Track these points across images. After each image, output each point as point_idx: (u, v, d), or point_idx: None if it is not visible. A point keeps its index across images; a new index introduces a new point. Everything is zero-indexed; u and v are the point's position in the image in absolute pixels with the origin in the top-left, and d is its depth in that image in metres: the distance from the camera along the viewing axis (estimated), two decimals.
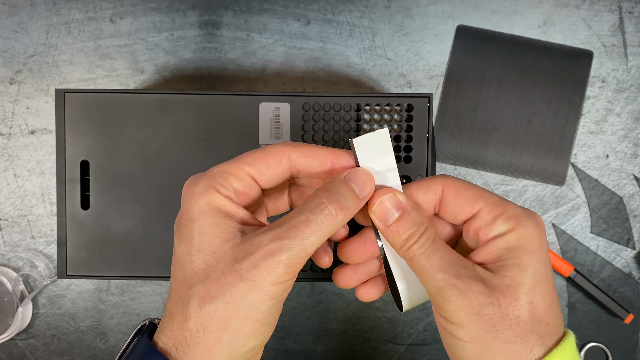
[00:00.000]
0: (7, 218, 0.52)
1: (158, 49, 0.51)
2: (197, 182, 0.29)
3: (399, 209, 0.29)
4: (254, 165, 0.29)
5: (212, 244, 0.27)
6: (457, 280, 0.27)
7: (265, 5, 0.51)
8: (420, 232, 0.29)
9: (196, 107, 0.41)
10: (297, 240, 0.26)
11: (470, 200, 0.30)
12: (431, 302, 0.29)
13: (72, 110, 0.41)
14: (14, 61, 0.51)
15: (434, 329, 0.52)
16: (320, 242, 0.27)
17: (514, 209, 0.29)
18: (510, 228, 0.28)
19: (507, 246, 0.28)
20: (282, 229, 0.27)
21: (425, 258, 0.28)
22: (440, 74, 0.51)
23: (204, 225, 0.27)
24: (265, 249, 0.26)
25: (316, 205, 0.27)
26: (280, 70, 0.51)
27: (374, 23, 0.51)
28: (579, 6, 0.51)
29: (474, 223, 0.30)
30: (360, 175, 0.29)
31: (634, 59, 0.51)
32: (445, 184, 0.30)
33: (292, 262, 0.26)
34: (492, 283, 0.27)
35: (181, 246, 0.28)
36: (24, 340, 0.52)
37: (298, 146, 0.30)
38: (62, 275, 0.42)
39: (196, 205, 0.28)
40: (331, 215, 0.27)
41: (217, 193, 0.28)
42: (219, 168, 0.29)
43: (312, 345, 0.52)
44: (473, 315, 0.27)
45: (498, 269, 0.28)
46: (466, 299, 0.27)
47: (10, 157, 0.51)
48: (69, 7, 0.51)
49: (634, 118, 0.51)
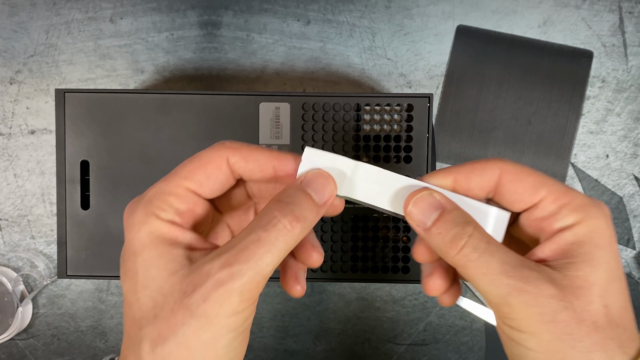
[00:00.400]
0: (7, 218, 0.52)
1: (158, 49, 0.51)
2: (134, 210, 0.26)
3: (437, 208, 0.26)
4: (192, 178, 0.26)
5: (158, 279, 0.24)
6: (525, 284, 0.24)
7: (265, 5, 0.51)
8: (468, 232, 0.25)
9: (196, 107, 0.41)
10: (250, 264, 0.23)
11: (532, 188, 0.26)
12: (493, 311, 0.26)
13: (72, 110, 0.41)
14: (14, 61, 0.51)
15: (434, 328, 0.52)
16: (278, 261, 0.24)
17: (581, 198, 0.26)
18: (579, 219, 0.25)
19: (576, 240, 0.25)
20: (232, 252, 0.24)
21: (483, 263, 0.24)
22: (440, 74, 0.51)
23: (147, 259, 0.25)
24: (214, 279, 0.23)
25: (268, 220, 0.25)
26: (280, 70, 0.51)
27: (374, 23, 0.51)
28: (579, 6, 0.51)
29: (534, 213, 0.26)
30: (317, 178, 0.26)
31: (634, 59, 0.51)
32: (503, 169, 0.27)
33: (247, 288, 0.24)
34: (562, 284, 0.24)
35: (126, 283, 0.26)
36: (24, 340, 0.52)
37: (237, 149, 0.27)
38: (62, 275, 0.42)
39: (137, 237, 0.25)
40: (286, 230, 0.24)
41: (158, 219, 0.25)
42: (155, 189, 0.26)
43: (312, 345, 0.52)
44: (547, 322, 0.23)
45: (565, 267, 0.25)
46: (538, 305, 0.23)
47: (10, 157, 0.51)
48: (69, 7, 0.51)
49: (634, 118, 0.51)
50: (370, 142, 0.42)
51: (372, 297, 0.52)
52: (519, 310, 0.24)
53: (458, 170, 0.27)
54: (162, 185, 0.26)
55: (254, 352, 0.52)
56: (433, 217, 0.26)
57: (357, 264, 0.42)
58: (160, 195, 0.26)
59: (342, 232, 0.42)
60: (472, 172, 0.27)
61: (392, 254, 0.42)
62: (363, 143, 0.42)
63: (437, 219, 0.26)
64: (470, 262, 0.25)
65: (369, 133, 0.42)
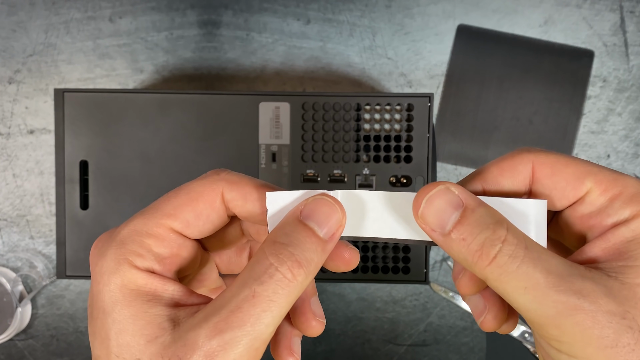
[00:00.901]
0: (6, 218, 0.51)
1: (157, 49, 0.51)
2: (103, 254, 0.21)
3: (457, 206, 0.21)
4: (178, 216, 0.22)
5: (134, 347, 0.20)
6: (579, 300, 0.19)
7: (265, 5, 0.51)
8: (500, 236, 0.20)
9: (196, 106, 0.41)
10: (245, 329, 0.19)
11: (575, 180, 0.22)
12: (533, 330, 0.21)
13: (71, 110, 0.41)
14: (12, 61, 0.51)
15: (434, 329, 0.52)
16: (279, 320, 0.20)
17: (634, 185, 0.21)
18: (636, 212, 0.21)
19: (635, 237, 0.20)
20: (222, 315, 0.19)
21: (523, 276, 0.19)
22: (441, 73, 0.51)
23: (119, 320, 0.20)
24: (202, 352, 0.19)
25: (263, 269, 0.20)
26: (280, 69, 0.51)
27: (375, 22, 0.51)
28: (580, 5, 0.51)
29: (579, 209, 0.22)
30: (319, 206, 0.21)
31: (635, 58, 0.51)
32: (535, 162, 0.22)
33: (245, 358, 0.19)
34: (621, 295, 0.19)
35: (96, 348, 0.21)
36: (22, 340, 0.52)
37: (235, 183, 0.22)
38: (61, 276, 0.41)
39: (106, 290, 0.21)
40: (286, 280, 0.20)
41: (132, 268, 0.21)
42: (130, 227, 0.21)
43: (312, 346, 0.52)
44: (608, 348, 0.19)
45: (623, 272, 0.20)
46: (598, 327, 0.19)
47: (9, 157, 0.51)
48: (68, 7, 0.51)
49: (635, 118, 0.51)
50: (371, 142, 0.41)
51: (373, 298, 0.51)
52: (572, 333, 0.19)
53: (484, 176, 0.23)
54: (139, 222, 0.22)
55: None
56: (454, 219, 0.21)
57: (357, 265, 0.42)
58: (136, 237, 0.21)
59: None
60: (501, 174, 0.23)
61: (392, 254, 0.42)
62: (363, 143, 0.41)
63: (459, 221, 0.20)
64: (507, 274, 0.20)
65: (369, 133, 0.41)
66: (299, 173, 0.42)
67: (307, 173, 0.42)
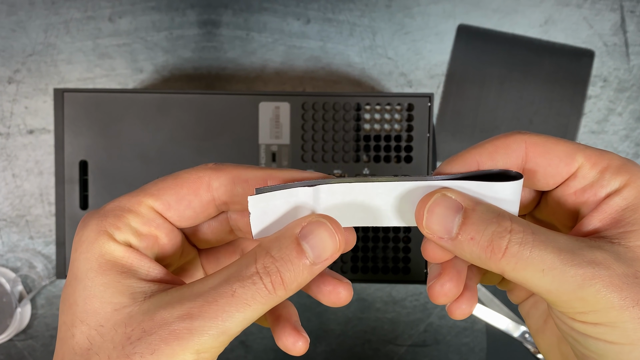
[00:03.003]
0: (5, 218, 0.51)
1: (157, 48, 0.51)
2: (86, 225, 0.22)
3: (457, 209, 0.21)
4: (160, 196, 0.22)
5: (100, 314, 0.20)
6: (594, 268, 0.20)
7: (265, 4, 0.51)
8: (506, 227, 0.21)
9: (195, 106, 0.41)
10: (216, 322, 0.20)
11: (566, 157, 0.23)
12: (552, 310, 0.22)
13: (70, 109, 0.41)
14: (12, 60, 0.51)
15: (434, 330, 0.52)
16: (249, 322, 0.20)
17: (619, 158, 0.22)
18: (625, 181, 0.22)
19: (628, 204, 0.22)
20: (197, 303, 0.20)
21: (538, 259, 0.20)
22: (441, 73, 0.51)
23: (89, 287, 0.21)
24: (169, 329, 0.19)
25: (248, 275, 0.20)
26: (280, 69, 0.51)
27: (375, 22, 0.51)
28: (581, 5, 0.51)
29: (573, 185, 0.23)
30: (318, 230, 0.21)
31: (635, 58, 0.51)
32: (527, 142, 0.23)
33: (207, 347, 0.20)
34: (628, 257, 0.20)
35: (63, 313, 0.21)
36: (22, 341, 0.52)
37: (222, 169, 0.23)
38: (61, 276, 0.41)
39: (82, 258, 0.21)
40: (266, 291, 0.20)
41: (111, 240, 0.21)
42: (114, 203, 0.22)
43: (312, 347, 0.52)
44: (630, 307, 0.20)
45: (624, 237, 0.21)
46: (617, 290, 0.20)
47: (8, 157, 0.51)
48: (68, 6, 0.51)
49: (636, 118, 0.51)
50: (371, 141, 0.41)
51: (373, 298, 0.51)
52: (595, 301, 0.20)
53: (479, 152, 0.23)
54: (123, 200, 0.22)
55: (253, 352, 0.52)
56: (457, 222, 0.21)
57: (357, 264, 0.42)
58: (117, 211, 0.22)
59: None
60: (496, 151, 0.23)
61: (392, 254, 0.42)
62: (363, 143, 0.41)
63: (463, 222, 0.21)
64: (522, 262, 0.20)
65: (369, 133, 0.41)
66: None
67: None
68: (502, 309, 0.50)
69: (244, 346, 0.51)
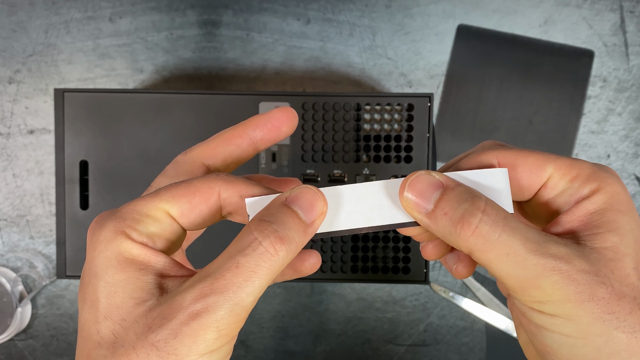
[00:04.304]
0: (5, 218, 0.51)
1: (157, 49, 0.51)
2: (102, 226, 0.23)
3: (437, 187, 0.23)
4: (176, 203, 0.23)
5: (122, 308, 0.21)
6: (556, 261, 0.21)
7: (265, 5, 0.51)
8: (479, 207, 0.22)
9: (195, 106, 0.41)
10: (228, 295, 0.20)
11: (536, 169, 0.24)
12: (514, 299, 0.23)
13: (71, 110, 0.41)
14: (12, 61, 0.51)
15: (434, 329, 0.52)
16: (260, 290, 0.21)
17: (589, 166, 0.23)
18: (595, 188, 0.23)
19: (597, 208, 0.22)
20: (207, 282, 0.21)
21: (504, 243, 0.21)
22: (441, 73, 0.51)
23: (111, 283, 0.22)
24: (187, 312, 0.20)
25: (248, 242, 0.21)
26: (280, 69, 0.51)
27: (375, 22, 0.51)
28: (580, 5, 0.51)
29: (544, 194, 0.24)
30: (304, 194, 0.23)
31: (635, 58, 0.51)
32: (499, 157, 0.24)
33: (225, 323, 0.21)
34: (592, 257, 0.21)
35: (85, 312, 0.22)
36: (22, 340, 0.52)
37: (232, 183, 0.24)
38: (61, 276, 0.41)
39: (102, 257, 0.22)
40: (268, 254, 0.21)
41: (128, 239, 0.22)
42: (131, 207, 0.23)
43: (312, 346, 0.52)
44: (585, 302, 0.20)
45: (590, 239, 0.22)
46: (573, 283, 0.21)
47: (9, 157, 0.51)
48: (68, 7, 0.51)
49: (636, 118, 0.51)
50: (371, 142, 0.41)
51: (373, 298, 0.51)
52: (551, 292, 0.21)
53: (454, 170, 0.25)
54: (139, 204, 0.23)
55: (254, 352, 0.52)
56: (434, 198, 0.22)
57: (357, 264, 0.42)
58: (135, 215, 0.23)
59: None
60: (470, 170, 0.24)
61: (392, 254, 0.42)
62: (363, 143, 0.41)
63: (440, 198, 0.22)
64: (490, 243, 0.21)
65: (369, 133, 0.41)
66: (299, 173, 0.42)
67: (307, 173, 0.42)
68: (501, 308, 0.50)
69: (244, 346, 0.52)
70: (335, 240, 0.42)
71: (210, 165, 0.27)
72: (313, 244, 0.42)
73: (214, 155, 0.26)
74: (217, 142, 0.26)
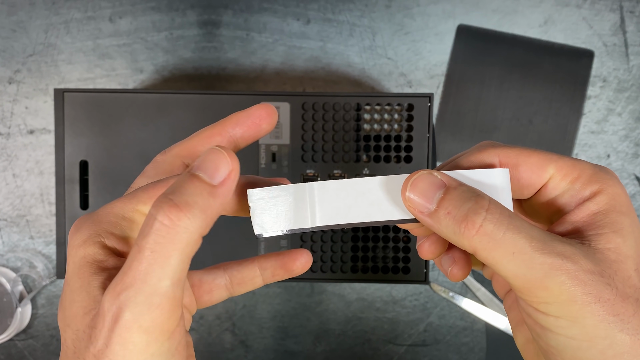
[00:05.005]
0: (5, 218, 0.51)
1: (157, 49, 0.51)
2: (77, 230, 0.22)
3: (440, 186, 0.22)
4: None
5: (77, 318, 0.20)
6: (562, 261, 0.20)
7: (265, 5, 0.51)
8: (483, 206, 0.21)
9: (195, 106, 0.41)
10: (137, 286, 0.19)
11: (538, 169, 0.23)
12: (519, 300, 0.23)
13: (71, 110, 0.41)
14: (12, 61, 0.51)
15: (434, 329, 0.52)
16: (175, 269, 0.19)
17: (591, 167, 0.23)
18: (596, 190, 0.23)
19: (600, 209, 0.22)
20: (118, 278, 0.19)
21: (509, 242, 0.20)
22: (441, 73, 0.51)
23: (72, 291, 0.21)
24: (109, 317, 0.19)
25: (145, 223, 0.19)
26: (280, 69, 0.51)
27: (374, 22, 0.51)
28: (580, 5, 0.51)
29: (546, 194, 0.24)
30: (207, 156, 0.21)
31: (635, 58, 0.51)
32: (500, 156, 0.24)
33: (147, 318, 0.19)
34: (596, 258, 0.21)
35: (59, 317, 0.22)
36: (22, 340, 0.52)
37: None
38: (61, 276, 0.41)
39: (71, 263, 0.21)
40: (165, 227, 0.19)
41: (97, 244, 0.21)
42: (107, 209, 0.22)
43: (312, 346, 0.52)
44: (592, 303, 0.20)
45: (594, 239, 0.22)
46: (580, 285, 0.20)
47: (9, 157, 0.51)
48: (68, 7, 0.51)
49: (635, 118, 0.51)
50: (371, 142, 0.41)
51: (372, 298, 0.51)
52: (558, 292, 0.20)
53: (455, 167, 0.24)
54: (116, 206, 0.22)
55: (253, 352, 0.52)
56: (437, 197, 0.22)
57: (357, 264, 0.42)
58: (112, 218, 0.22)
59: (341, 232, 0.42)
60: (471, 167, 0.24)
61: (392, 254, 0.42)
62: (363, 143, 0.41)
63: (442, 197, 0.22)
64: (494, 241, 0.21)
65: (369, 133, 0.41)
66: (299, 173, 0.42)
67: (307, 173, 0.42)
68: (501, 308, 0.50)
69: (244, 346, 0.52)
70: (335, 240, 0.42)
71: (190, 164, 0.26)
72: (313, 243, 0.42)
73: (193, 153, 0.25)
74: (196, 141, 0.25)
